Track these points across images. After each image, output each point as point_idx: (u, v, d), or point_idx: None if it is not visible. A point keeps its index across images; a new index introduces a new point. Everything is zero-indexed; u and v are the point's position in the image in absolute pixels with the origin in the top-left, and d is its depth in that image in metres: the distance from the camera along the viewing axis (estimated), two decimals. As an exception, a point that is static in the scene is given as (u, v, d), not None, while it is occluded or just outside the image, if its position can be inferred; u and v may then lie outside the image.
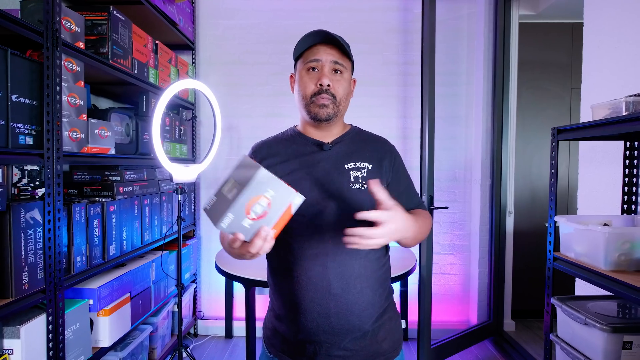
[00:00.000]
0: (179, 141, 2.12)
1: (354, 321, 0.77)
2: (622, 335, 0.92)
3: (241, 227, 0.62)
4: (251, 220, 0.62)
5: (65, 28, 1.22)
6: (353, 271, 0.78)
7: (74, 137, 1.24)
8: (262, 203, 0.62)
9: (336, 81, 0.82)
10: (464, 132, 2.41)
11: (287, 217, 0.65)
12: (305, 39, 0.83)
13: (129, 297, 1.57)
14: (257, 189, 0.61)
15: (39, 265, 1.10)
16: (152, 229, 1.78)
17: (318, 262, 0.77)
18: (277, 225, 0.64)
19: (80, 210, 1.28)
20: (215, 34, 2.38)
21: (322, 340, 0.77)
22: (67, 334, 1.22)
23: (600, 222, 1.09)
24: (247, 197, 0.61)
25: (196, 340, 2.34)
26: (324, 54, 0.81)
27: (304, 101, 0.83)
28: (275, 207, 0.63)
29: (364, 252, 0.79)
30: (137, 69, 1.64)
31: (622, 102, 0.97)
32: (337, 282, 0.76)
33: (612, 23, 1.36)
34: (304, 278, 0.77)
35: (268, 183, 0.62)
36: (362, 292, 0.78)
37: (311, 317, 0.77)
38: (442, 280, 2.43)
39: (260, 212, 0.62)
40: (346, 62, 0.84)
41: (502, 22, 2.22)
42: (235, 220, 0.62)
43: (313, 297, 0.77)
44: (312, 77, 0.81)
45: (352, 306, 0.77)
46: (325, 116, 0.81)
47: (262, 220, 0.63)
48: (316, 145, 0.85)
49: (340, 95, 0.82)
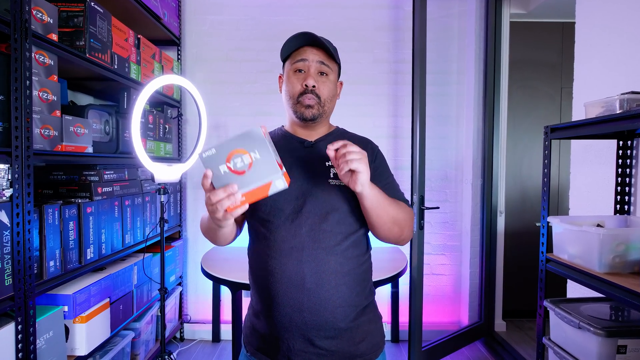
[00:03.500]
0: (164, 140, 2.05)
1: (328, 317, 0.76)
2: (617, 339, 0.89)
3: (217, 169, 0.63)
4: (227, 169, 0.63)
5: (36, 19, 1.14)
6: (328, 266, 0.77)
7: (46, 134, 1.17)
8: (245, 160, 0.63)
9: (321, 82, 0.84)
10: (455, 132, 2.39)
11: (261, 194, 0.65)
12: (293, 40, 0.84)
13: (108, 302, 1.50)
14: (245, 143, 0.62)
15: (7, 271, 1.03)
16: (134, 231, 1.71)
17: (293, 256, 0.77)
18: (248, 195, 0.64)
19: (53, 212, 1.21)
20: (202, 29, 2.32)
21: (295, 335, 0.77)
22: (39, 343, 1.15)
23: (594, 222, 1.06)
24: (233, 145, 0.62)
25: (182, 345, 2.28)
26: (310, 55, 0.83)
27: (291, 101, 0.85)
28: (254, 173, 0.63)
29: (341, 248, 0.79)
30: (117, 64, 1.56)
31: (617, 100, 0.95)
32: (312, 277, 0.76)
33: (604, 21, 1.34)
34: (278, 271, 0.78)
35: (258, 144, 0.63)
36: (337, 288, 0.77)
37: (284, 312, 0.77)
38: (433, 280, 2.41)
39: (239, 167, 0.63)
40: (332, 65, 0.86)
41: (493, 21, 2.20)
42: (214, 158, 0.62)
43: (287, 290, 0.77)
44: (298, 77, 0.83)
45: (325, 302, 0.76)
46: (310, 116, 0.83)
47: (237, 178, 0.63)
48: (299, 143, 0.88)
49: (325, 96, 0.84)
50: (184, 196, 2.36)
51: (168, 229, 2.12)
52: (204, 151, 0.62)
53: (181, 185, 2.32)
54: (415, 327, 1.85)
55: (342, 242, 0.79)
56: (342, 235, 0.79)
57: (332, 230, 0.78)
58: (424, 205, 1.84)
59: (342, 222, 0.79)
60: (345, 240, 0.79)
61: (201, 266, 1.77)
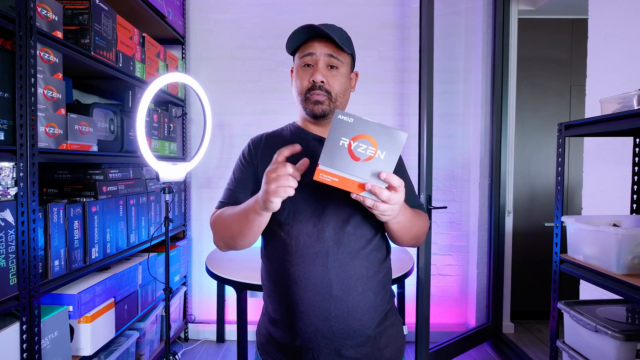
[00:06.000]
0: (168, 139, 2.04)
1: (355, 325, 0.73)
2: (636, 343, 0.86)
3: (338, 137, 0.59)
4: (346, 145, 0.60)
5: (41, 16, 1.13)
6: (354, 272, 0.73)
7: (50, 132, 1.16)
8: (368, 151, 0.60)
9: (331, 77, 0.79)
10: (462, 130, 2.36)
11: (349, 188, 0.62)
12: (298, 34, 0.79)
13: (113, 302, 1.49)
14: (381, 136, 0.59)
15: (12, 270, 1.02)
16: (139, 231, 1.70)
17: (318, 262, 0.73)
18: (341, 181, 0.61)
19: (58, 211, 1.20)
20: (206, 28, 2.30)
21: (320, 346, 0.73)
22: (44, 343, 1.14)
23: (609, 222, 1.03)
24: (371, 130, 0.59)
25: (187, 345, 2.27)
26: (318, 48, 0.78)
27: (300, 97, 0.81)
28: (364, 168, 0.61)
29: (365, 251, 0.75)
30: (122, 62, 1.55)
31: (634, 96, 0.92)
32: (338, 284, 0.72)
33: (618, 16, 1.30)
34: (302, 279, 0.73)
35: (392, 147, 0.60)
36: (363, 294, 0.74)
37: (310, 322, 0.72)
38: (440, 281, 2.37)
39: (357, 152, 0.60)
40: (343, 57, 0.80)
41: (501, 18, 2.17)
42: (345, 126, 0.59)
43: (312, 299, 0.72)
44: (306, 72, 0.79)
45: (353, 309, 0.72)
46: (320, 112, 0.79)
47: (348, 159, 0.60)
48: (315, 140, 0.83)
49: (336, 90, 0.79)
50: (189, 196, 2.35)
51: (172, 228, 2.11)
52: (343, 113, 0.58)
53: (185, 185, 2.31)
54: (422, 329, 1.82)
55: (366, 246, 0.76)
56: (366, 238, 0.76)
57: (355, 233, 0.75)
58: (431, 205, 1.81)
59: (364, 225, 0.76)
60: (369, 243, 0.76)
61: (206, 266, 1.76)
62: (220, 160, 2.34)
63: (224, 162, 2.34)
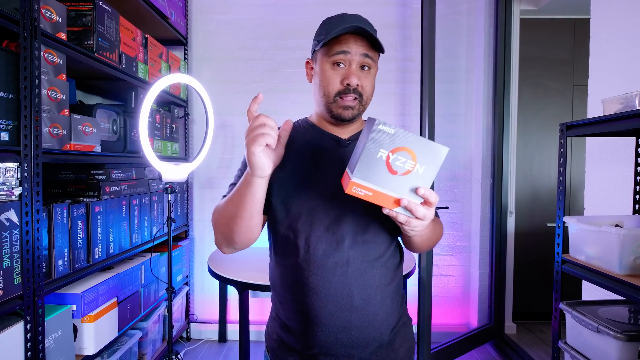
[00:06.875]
0: (171, 139, 2.05)
1: (375, 333, 0.72)
2: (638, 343, 0.86)
3: (376, 148, 0.54)
4: (384, 158, 0.55)
5: (45, 17, 1.14)
6: (374, 281, 0.72)
7: (54, 133, 1.17)
8: (407, 165, 0.55)
9: (364, 78, 0.72)
10: (464, 131, 2.35)
11: (383, 203, 0.57)
12: (334, 25, 0.72)
13: (116, 301, 1.49)
14: (422, 150, 0.54)
15: (16, 269, 1.03)
16: (142, 230, 1.71)
17: (338, 272, 0.70)
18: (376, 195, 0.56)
19: (62, 211, 1.21)
20: (208, 29, 2.31)
21: (339, 353, 0.71)
22: (48, 342, 1.15)
23: (611, 222, 1.03)
24: (411, 143, 0.54)
25: (189, 345, 2.27)
26: (354, 46, 0.71)
27: (325, 99, 0.73)
28: (400, 183, 0.56)
29: (384, 259, 0.74)
30: (125, 63, 1.56)
31: (636, 96, 0.92)
32: (359, 294, 0.70)
33: (620, 17, 1.30)
34: (322, 290, 0.70)
35: (432, 162, 0.55)
36: (382, 302, 0.73)
37: (330, 332, 0.70)
38: (441, 282, 2.37)
39: (394, 165, 0.55)
40: (375, 55, 0.74)
41: (503, 18, 2.17)
42: (385, 137, 0.53)
43: (333, 310, 0.70)
44: (337, 73, 0.71)
45: (373, 318, 0.71)
46: (349, 118, 0.74)
47: (385, 172, 0.55)
48: (334, 141, 0.77)
49: (367, 93, 0.74)
50: (191, 196, 2.36)
51: (175, 228, 2.12)
52: (383, 123, 0.53)
53: (188, 185, 2.32)
54: (424, 329, 1.82)
55: (384, 253, 0.74)
56: (384, 245, 0.74)
57: (374, 242, 0.72)
58: (433, 205, 1.81)
59: (382, 232, 0.73)
60: (387, 250, 0.74)
61: (208, 266, 1.77)
62: (222, 160, 2.34)
63: (225, 162, 2.35)
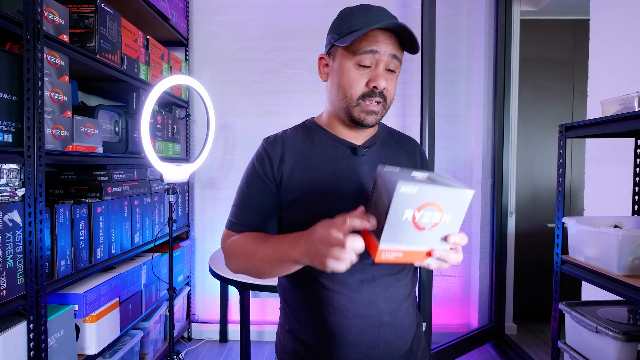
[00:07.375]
0: (172, 140, 2.06)
1: (402, 344, 0.71)
2: (637, 344, 0.87)
3: (401, 210, 0.49)
4: (411, 218, 0.50)
5: (48, 20, 1.15)
6: (399, 294, 0.70)
7: (57, 134, 1.18)
8: (434, 218, 0.50)
9: (389, 80, 0.67)
10: (464, 131, 2.36)
11: (414, 260, 0.54)
12: (358, 17, 0.64)
13: (117, 301, 1.50)
14: (447, 199, 0.50)
15: (19, 270, 1.04)
16: (143, 231, 1.72)
17: (364, 290, 0.67)
18: (406, 256, 0.53)
19: (64, 212, 1.22)
20: (209, 30, 2.32)
21: None
22: (51, 342, 1.16)
23: (611, 223, 1.03)
24: (436, 195, 0.49)
25: (190, 345, 2.28)
26: (383, 45, 0.64)
27: (346, 102, 0.67)
28: (429, 236, 0.52)
29: (405, 271, 0.72)
30: (127, 65, 1.57)
31: (635, 97, 0.92)
32: (387, 309, 0.68)
33: (619, 18, 1.31)
34: (349, 309, 0.67)
35: (458, 209, 0.51)
36: (407, 312, 0.72)
37: (358, 350, 0.68)
38: (442, 282, 2.38)
39: (422, 222, 0.51)
40: (402, 56, 0.69)
41: (503, 18, 2.17)
42: (410, 198, 0.48)
43: (362, 328, 0.67)
44: (363, 74, 0.65)
45: (400, 331, 0.70)
46: (372, 123, 0.68)
47: (414, 232, 0.51)
48: (349, 148, 0.71)
49: (391, 97, 0.68)
50: (192, 196, 2.36)
51: (176, 229, 2.13)
52: (405, 184, 0.47)
53: (189, 186, 2.33)
54: (424, 329, 1.83)
55: (407, 265, 0.72)
56: None
57: None
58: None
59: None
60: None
61: (209, 266, 1.77)
62: (223, 161, 2.35)
63: (227, 162, 2.36)
